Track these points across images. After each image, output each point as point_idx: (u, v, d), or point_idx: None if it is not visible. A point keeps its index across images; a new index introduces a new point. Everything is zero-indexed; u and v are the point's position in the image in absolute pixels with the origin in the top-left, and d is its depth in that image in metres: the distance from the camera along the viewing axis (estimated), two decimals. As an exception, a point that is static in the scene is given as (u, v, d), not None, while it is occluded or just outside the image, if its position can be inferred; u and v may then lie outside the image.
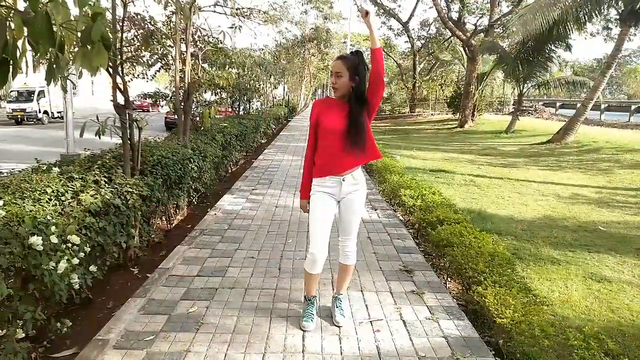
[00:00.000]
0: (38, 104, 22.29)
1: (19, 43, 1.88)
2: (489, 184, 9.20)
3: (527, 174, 10.70)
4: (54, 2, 1.90)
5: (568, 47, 19.04)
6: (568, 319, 3.60)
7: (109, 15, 4.06)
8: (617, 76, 59.89)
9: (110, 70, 4.04)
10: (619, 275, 4.59)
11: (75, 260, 2.86)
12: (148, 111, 27.15)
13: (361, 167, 3.03)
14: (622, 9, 14.86)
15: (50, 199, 3.26)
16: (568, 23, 15.52)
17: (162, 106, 9.49)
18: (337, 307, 3.13)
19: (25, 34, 1.84)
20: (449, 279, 4.10)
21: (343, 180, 2.88)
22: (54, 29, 1.93)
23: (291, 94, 37.51)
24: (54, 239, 2.69)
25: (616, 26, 20.74)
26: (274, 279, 3.77)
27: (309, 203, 2.99)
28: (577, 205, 7.59)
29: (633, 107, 26.75)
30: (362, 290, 3.61)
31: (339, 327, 3.01)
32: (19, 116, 21.63)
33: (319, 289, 3.42)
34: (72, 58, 2.62)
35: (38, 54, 1.99)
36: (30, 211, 2.89)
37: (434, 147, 16.29)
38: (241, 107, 13.17)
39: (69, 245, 2.86)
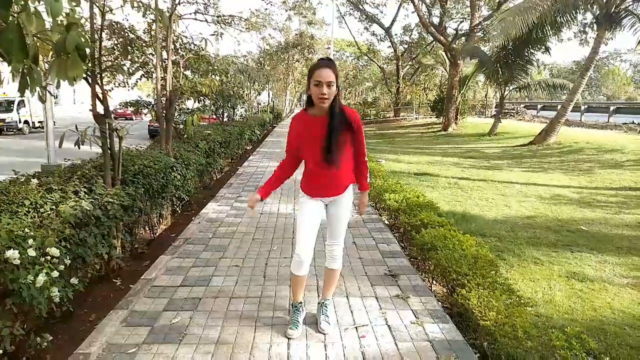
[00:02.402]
0: (18, 113, 21.86)
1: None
2: (473, 186, 9.28)
3: (510, 175, 10.83)
4: (26, 12, 1.88)
5: (547, 50, 19.37)
6: (552, 318, 3.65)
7: (87, 25, 4.03)
8: (596, 78, 61.05)
9: (89, 79, 4.00)
10: (600, 274, 4.66)
11: (55, 273, 2.80)
12: (131, 119, 26.90)
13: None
14: (598, 12, 15.19)
15: (29, 211, 3.20)
16: (546, 26, 15.82)
17: (145, 114, 9.42)
18: (322, 313, 3.10)
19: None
20: (434, 282, 4.12)
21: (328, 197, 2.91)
22: (27, 39, 1.90)
23: (276, 100, 37.52)
24: (31, 252, 2.64)
25: (592, 30, 21.15)
26: (259, 286, 3.74)
27: (258, 201, 2.84)
28: (559, 206, 7.69)
29: (612, 107, 27.31)
30: (347, 296, 3.60)
31: (324, 334, 3.00)
32: (-1, 126, 21.24)
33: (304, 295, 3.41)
34: (47, 68, 2.59)
35: (11, 65, 1.96)
36: (8, 224, 2.83)
37: (419, 150, 16.41)
38: (225, 114, 13.12)
39: (48, 258, 2.81)
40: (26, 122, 22.44)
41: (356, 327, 3.10)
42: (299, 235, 2.91)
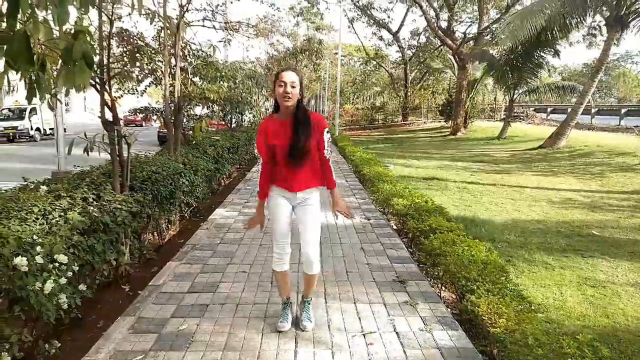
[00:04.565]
0: (30, 121, 22.14)
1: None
2: (482, 191, 9.21)
3: (520, 179, 10.73)
4: (33, 20, 1.89)
5: (556, 53, 19.22)
6: (563, 325, 3.58)
7: (96, 33, 4.07)
8: (606, 80, 60.39)
9: (98, 87, 4.03)
10: (613, 280, 4.59)
11: (63, 280, 2.81)
12: (141, 126, 27.12)
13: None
14: (608, 14, 15.06)
15: (37, 218, 3.22)
16: (555, 29, 15.71)
17: (154, 120, 9.48)
18: (304, 311, 3.20)
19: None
20: (442, 288, 4.07)
21: (296, 194, 3.03)
22: (34, 48, 1.91)
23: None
24: (39, 259, 2.65)
25: (601, 33, 21.03)
26: (266, 293, 3.73)
27: (263, 208, 3.19)
28: (570, 210, 7.60)
29: (623, 110, 26.98)
30: (355, 302, 3.57)
31: (305, 331, 3.08)
32: (11, 134, 21.47)
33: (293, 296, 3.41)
34: (55, 76, 2.61)
35: (18, 74, 1.97)
36: (17, 231, 2.85)
37: (428, 155, 16.33)
38: (233, 120, 13.16)
39: (57, 264, 2.82)
40: (38, 129, 22.72)
41: (364, 334, 3.07)
42: (274, 233, 3.11)
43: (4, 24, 1.89)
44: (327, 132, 3.02)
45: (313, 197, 3.06)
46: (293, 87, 2.81)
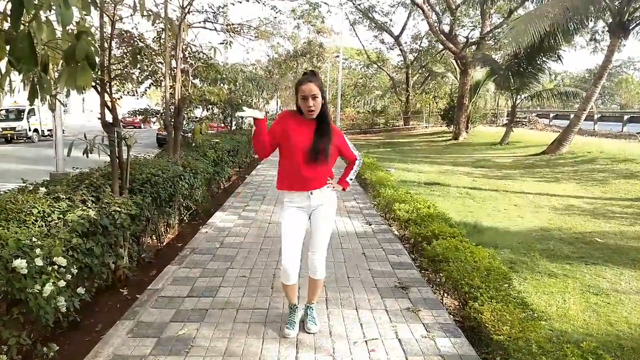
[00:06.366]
0: (28, 122, 22.05)
1: (2, 63, 1.85)
2: (485, 196, 9.17)
3: (523, 185, 10.70)
4: (36, 21, 1.87)
5: (559, 58, 19.20)
6: (566, 333, 3.54)
7: (97, 33, 4.04)
8: (609, 86, 60.42)
9: (98, 88, 4.01)
10: (616, 287, 4.55)
11: (62, 283, 2.79)
12: (139, 128, 27.11)
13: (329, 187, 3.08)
14: (610, 20, 15.06)
15: (36, 220, 3.19)
16: (558, 35, 15.70)
17: (153, 122, 9.47)
18: (309, 314, 3.21)
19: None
20: (445, 295, 4.03)
21: (311, 194, 2.97)
22: (37, 48, 1.89)
23: (285, 108, 37.60)
24: (38, 262, 2.62)
25: (603, 39, 21.05)
26: (267, 298, 3.69)
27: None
28: (573, 217, 7.56)
29: (626, 117, 27.03)
30: (356, 309, 3.53)
31: (310, 334, 3.09)
32: (9, 135, 21.38)
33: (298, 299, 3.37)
34: (57, 77, 2.58)
35: (21, 74, 1.95)
36: (16, 233, 2.82)
37: (429, 159, 16.29)
38: (233, 123, 13.16)
39: (55, 267, 2.79)
40: (36, 130, 22.67)
41: (366, 341, 3.04)
42: (283, 246, 3.00)
43: (6, 24, 1.87)
44: (346, 136, 3.14)
45: (329, 201, 3.05)
46: (315, 98, 2.81)
